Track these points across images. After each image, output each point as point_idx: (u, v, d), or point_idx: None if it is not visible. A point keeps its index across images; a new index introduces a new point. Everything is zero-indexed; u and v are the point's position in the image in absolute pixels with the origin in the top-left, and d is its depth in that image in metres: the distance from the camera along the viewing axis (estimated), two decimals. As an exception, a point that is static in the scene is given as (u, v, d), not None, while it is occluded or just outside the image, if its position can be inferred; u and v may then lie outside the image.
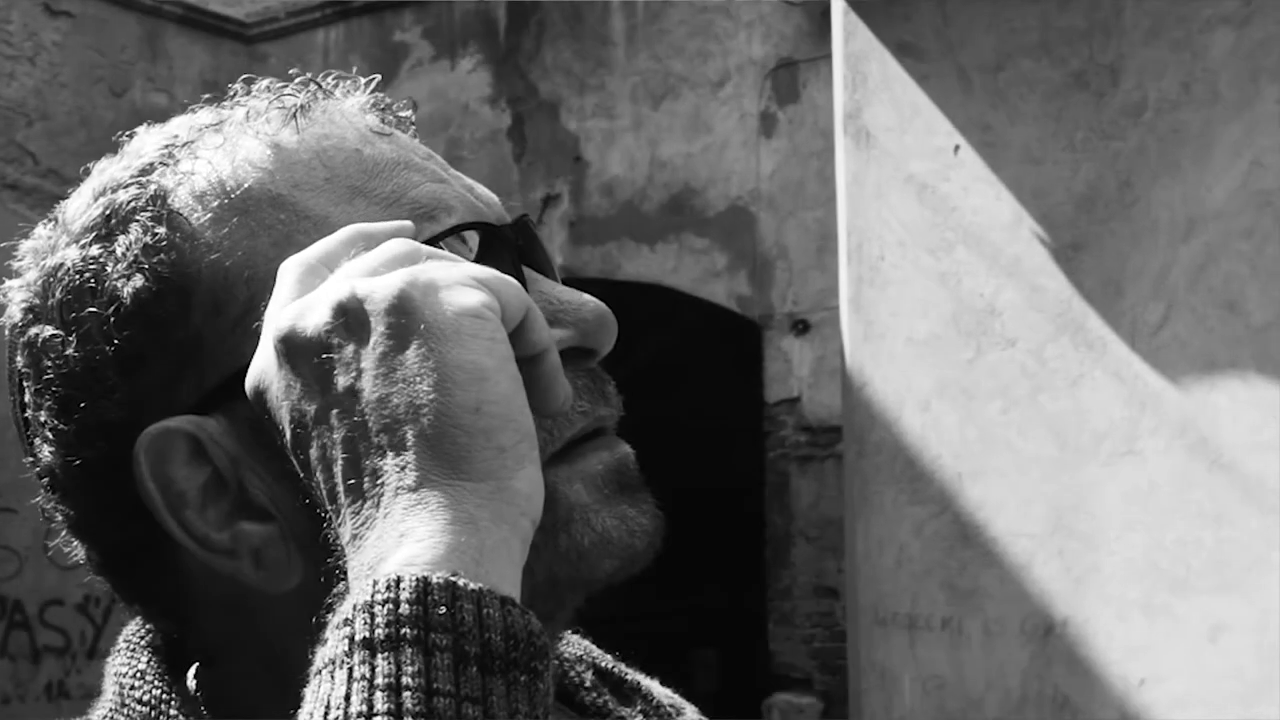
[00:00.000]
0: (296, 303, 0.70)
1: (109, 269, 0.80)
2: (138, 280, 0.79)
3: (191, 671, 0.87)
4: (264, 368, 0.71)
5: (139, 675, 0.84)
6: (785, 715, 8.28)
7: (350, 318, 0.68)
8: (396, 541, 0.64)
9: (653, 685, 1.11)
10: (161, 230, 0.80)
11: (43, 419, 0.81)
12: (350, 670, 0.61)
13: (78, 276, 0.80)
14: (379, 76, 0.93)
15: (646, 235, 9.55)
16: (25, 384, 0.82)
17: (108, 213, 0.82)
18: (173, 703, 0.82)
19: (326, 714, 0.61)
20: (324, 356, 0.68)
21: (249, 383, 0.71)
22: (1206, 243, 3.93)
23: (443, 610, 0.62)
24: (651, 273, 9.54)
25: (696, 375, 11.33)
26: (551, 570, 0.72)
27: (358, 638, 0.62)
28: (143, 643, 0.87)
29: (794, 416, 8.71)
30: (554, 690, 1.00)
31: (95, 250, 0.80)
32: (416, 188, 0.83)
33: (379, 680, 0.61)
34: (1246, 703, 3.79)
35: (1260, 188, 3.87)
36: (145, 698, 0.82)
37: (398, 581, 0.62)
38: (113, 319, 0.79)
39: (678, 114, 9.51)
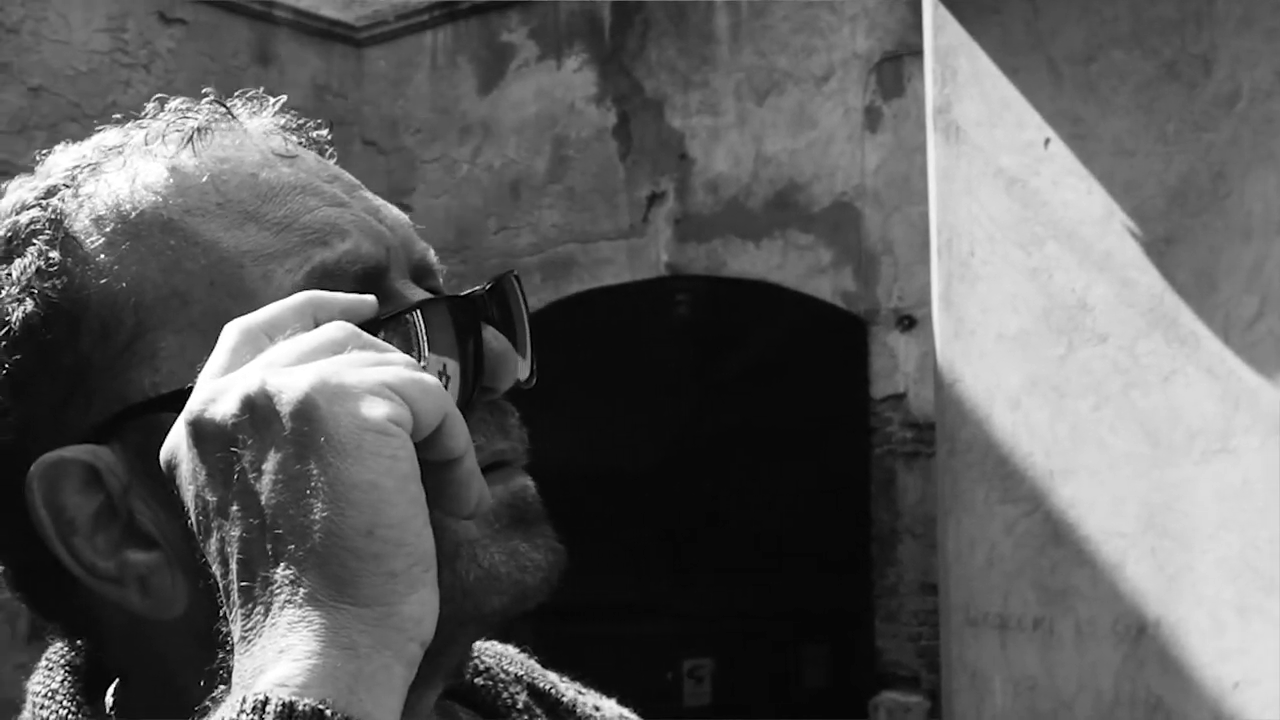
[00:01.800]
0: (211, 384, 0.69)
1: (3, 292, 0.80)
2: (28, 305, 0.79)
3: (111, 690, 0.87)
4: (176, 445, 0.70)
5: (51, 694, 0.85)
6: (892, 713, 8.22)
7: (256, 414, 0.66)
8: (275, 656, 0.63)
9: (604, 705, 1.10)
10: (55, 254, 0.80)
11: None
12: None
13: None
14: (285, 97, 0.92)
15: (751, 232, 9.52)
16: None
17: (9, 235, 0.82)
18: None
19: None
20: (230, 450, 0.67)
21: (163, 455, 0.71)
22: (1301, 235, 3.85)
23: None
24: (756, 269, 9.51)
25: (801, 372, 11.28)
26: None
27: None
28: (61, 661, 0.88)
29: (900, 413, 8.65)
30: (485, 711, 1.01)
31: None
32: (311, 212, 0.82)
33: None
34: (1344, 706, 3.70)
35: (1356, 178, 3.78)
36: (51, 718, 0.83)
37: (264, 703, 0.62)
38: (3, 343, 0.79)
39: (782, 110, 9.47)
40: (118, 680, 0.87)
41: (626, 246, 10.10)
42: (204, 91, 0.89)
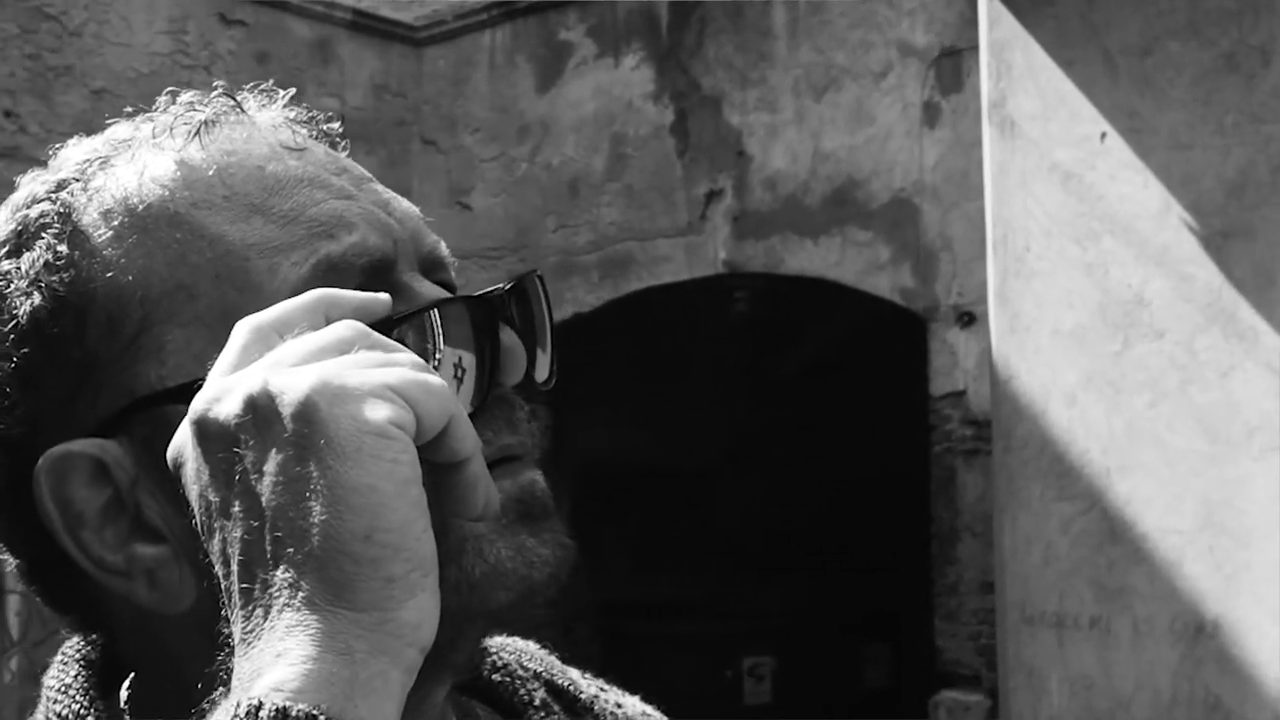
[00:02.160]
0: (216, 384, 0.69)
1: (12, 285, 0.81)
2: (35, 298, 0.80)
3: (126, 684, 0.87)
4: (182, 444, 0.70)
5: (64, 689, 0.85)
6: (952, 713, 8.17)
7: (259, 415, 0.66)
8: (272, 660, 0.63)
9: (626, 703, 1.08)
10: (63, 248, 0.81)
11: None
12: None
13: None
14: (294, 90, 0.92)
15: (809, 229, 9.48)
16: None
17: (19, 229, 0.83)
18: (89, 717, 0.83)
19: None
20: (232, 450, 0.67)
21: (170, 453, 0.71)
22: (1362, 228, 3.79)
23: None
24: (815, 266, 9.47)
25: (860, 369, 11.23)
26: (442, 601, 0.68)
27: None
28: (76, 656, 0.88)
29: (959, 410, 8.58)
30: (503, 707, 1.00)
31: (6, 266, 0.81)
32: (317, 205, 0.82)
33: None
34: None
35: None
36: (64, 712, 0.84)
37: (258, 708, 0.61)
38: (12, 336, 0.80)
39: (840, 106, 9.43)
40: (132, 675, 0.87)
41: (684, 244, 10.09)
42: (215, 85, 0.89)
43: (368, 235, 0.82)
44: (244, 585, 0.66)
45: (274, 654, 0.63)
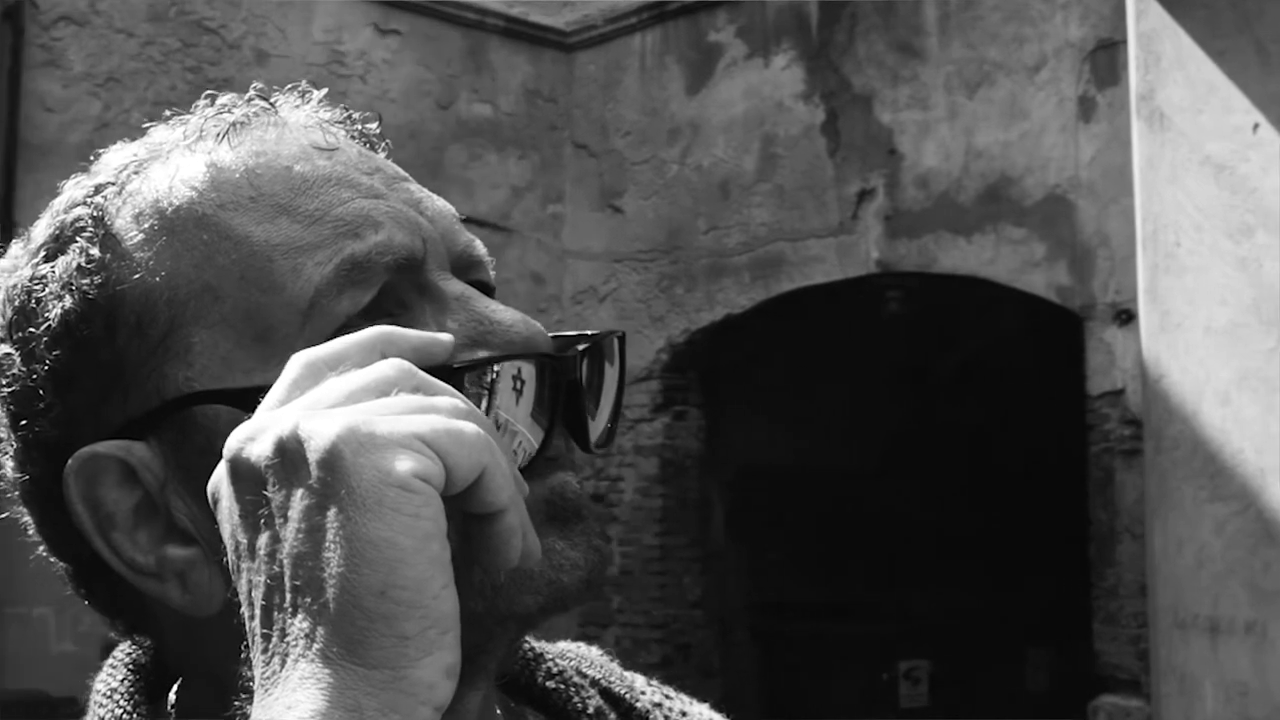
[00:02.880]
0: (253, 423, 0.68)
1: (47, 289, 0.81)
2: (67, 301, 0.80)
3: (174, 689, 0.88)
4: (219, 480, 0.69)
5: (110, 693, 0.86)
6: (1111, 718, 8.01)
7: (286, 458, 0.65)
8: (283, 711, 0.63)
9: (692, 710, 1.06)
10: (95, 251, 0.81)
11: (1, 435, 0.84)
12: None
13: (25, 295, 0.82)
14: (327, 90, 0.92)
15: (963, 227, 9.36)
16: None
17: (56, 232, 0.84)
18: None
19: None
20: (261, 493, 0.66)
21: (209, 487, 0.70)
22: None
23: None
24: (968, 265, 9.34)
25: (1015, 368, 11.06)
26: (466, 604, 0.67)
27: None
28: (125, 660, 0.89)
29: (1117, 409, 8.41)
30: (556, 715, 0.99)
31: (43, 269, 0.82)
32: (344, 204, 0.82)
33: None
34: None
35: None
36: (108, 717, 0.84)
37: None
38: (45, 339, 0.81)
39: (993, 102, 9.30)
40: (180, 680, 0.87)
41: (836, 244, 10.02)
42: (254, 86, 0.90)
43: (394, 233, 0.82)
44: (264, 631, 0.66)
45: (285, 705, 0.63)
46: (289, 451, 0.65)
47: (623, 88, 11.27)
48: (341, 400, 0.67)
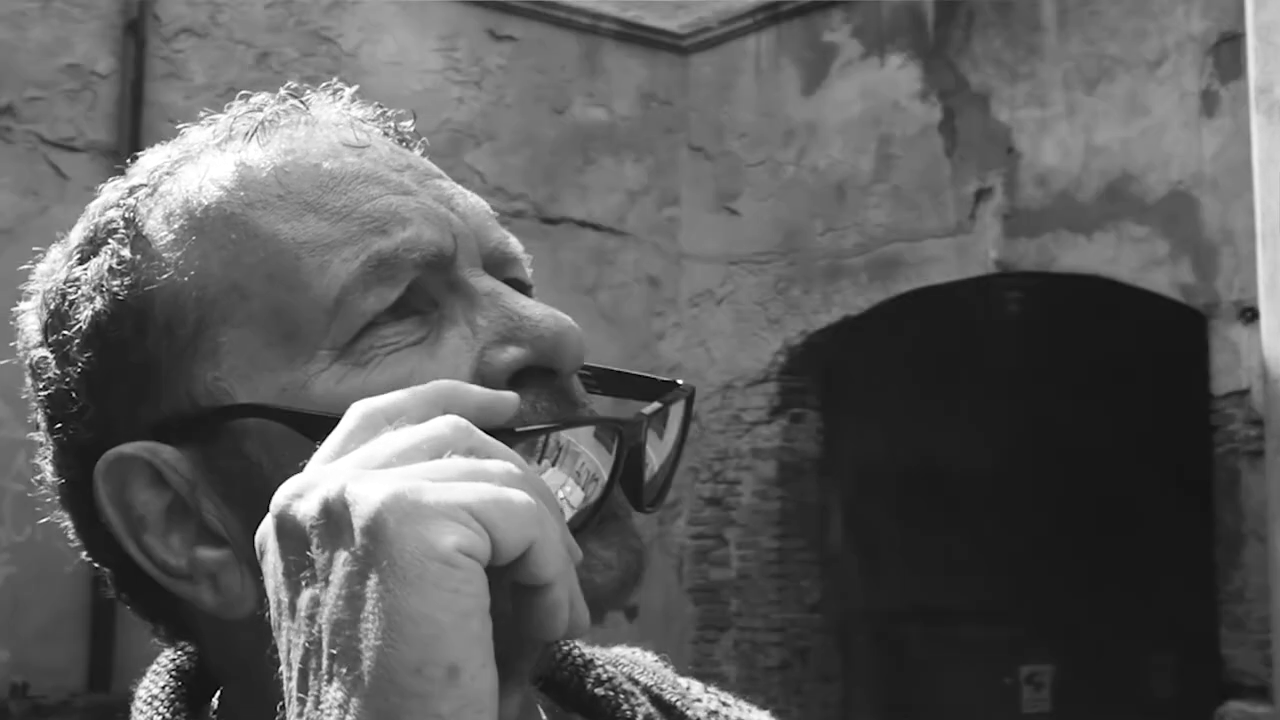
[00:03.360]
0: (301, 478, 0.67)
1: (80, 291, 0.82)
2: (98, 303, 0.81)
3: (216, 695, 0.88)
4: (265, 533, 0.68)
5: (150, 699, 0.86)
6: (1239, 725, 7.83)
7: (331, 521, 0.64)
8: None
9: (750, 718, 1.04)
10: (126, 252, 0.81)
11: (39, 438, 0.85)
12: None
13: (59, 298, 0.83)
14: (358, 86, 0.92)
15: (1083, 225, 9.22)
16: (33, 403, 0.85)
17: (90, 235, 0.84)
18: None
19: None
20: (305, 553, 0.65)
21: (257, 539, 0.69)
22: None
23: None
24: (1089, 264, 9.20)
25: (1139, 368, 10.88)
26: (498, 605, 0.65)
27: None
28: (168, 666, 0.89)
29: (1243, 409, 8.23)
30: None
31: (76, 272, 0.83)
32: (372, 201, 0.81)
33: None
34: None
35: None
36: None
37: None
38: (77, 341, 0.81)
39: (1113, 98, 9.15)
40: (222, 688, 0.87)
41: (954, 244, 9.92)
42: (288, 85, 0.90)
43: (422, 230, 0.81)
44: (299, 694, 0.65)
45: None
46: (334, 514, 0.64)
47: (738, 89, 11.24)
48: (393, 459, 0.66)
